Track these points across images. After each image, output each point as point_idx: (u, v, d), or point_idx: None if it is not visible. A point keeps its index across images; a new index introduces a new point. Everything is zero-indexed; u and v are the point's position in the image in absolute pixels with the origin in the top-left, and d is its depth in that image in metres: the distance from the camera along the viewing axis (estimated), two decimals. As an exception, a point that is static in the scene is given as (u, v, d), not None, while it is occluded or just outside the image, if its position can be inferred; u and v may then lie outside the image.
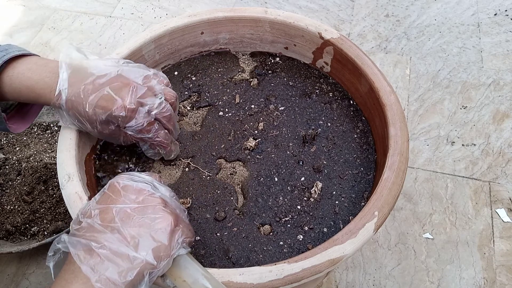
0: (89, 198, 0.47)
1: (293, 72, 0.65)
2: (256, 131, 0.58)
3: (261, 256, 0.48)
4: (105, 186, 0.39)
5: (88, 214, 0.36)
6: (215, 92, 0.63)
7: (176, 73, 0.65)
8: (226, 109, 0.61)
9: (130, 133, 0.47)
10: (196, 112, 0.61)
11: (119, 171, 0.55)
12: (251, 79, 0.64)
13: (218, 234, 0.50)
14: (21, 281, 0.78)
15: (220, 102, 0.62)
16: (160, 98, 0.48)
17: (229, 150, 0.56)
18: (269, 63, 0.66)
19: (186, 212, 0.41)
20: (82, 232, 0.35)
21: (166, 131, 0.50)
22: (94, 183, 0.54)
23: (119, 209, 0.35)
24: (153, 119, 0.48)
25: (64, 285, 0.33)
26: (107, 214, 0.35)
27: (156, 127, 0.48)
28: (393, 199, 0.45)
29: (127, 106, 0.44)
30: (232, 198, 0.52)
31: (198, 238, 0.49)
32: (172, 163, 0.56)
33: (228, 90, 0.63)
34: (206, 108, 0.61)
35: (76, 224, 0.36)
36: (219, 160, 0.56)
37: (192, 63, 0.67)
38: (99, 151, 0.57)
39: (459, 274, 0.76)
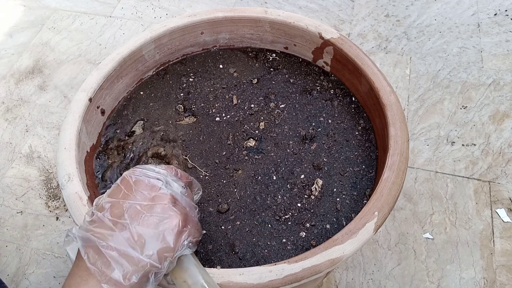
0: (89, 198, 0.47)
1: (293, 68, 0.65)
2: (256, 131, 0.58)
3: (266, 251, 0.48)
4: (119, 179, 0.39)
5: (100, 207, 0.36)
6: (215, 93, 0.63)
7: (174, 72, 0.65)
8: (224, 111, 0.61)
9: None
10: (194, 114, 0.61)
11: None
12: (253, 78, 0.64)
13: (222, 227, 0.50)
14: (21, 281, 0.78)
15: (217, 104, 0.62)
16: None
17: (229, 153, 0.56)
18: (271, 59, 0.66)
19: (197, 209, 0.41)
20: (92, 226, 0.35)
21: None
22: (94, 183, 0.54)
23: (129, 205, 0.36)
24: None
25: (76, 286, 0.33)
26: (117, 209, 0.36)
27: None
28: (393, 199, 0.45)
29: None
30: (232, 190, 0.53)
31: (204, 231, 0.50)
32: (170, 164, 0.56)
33: (226, 90, 0.63)
34: (205, 109, 0.61)
35: (89, 216, 0.36)
36: (218, 162, 0.56)
37: (192, 61, 0.66)
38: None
39: (459, 274, 0.76)
